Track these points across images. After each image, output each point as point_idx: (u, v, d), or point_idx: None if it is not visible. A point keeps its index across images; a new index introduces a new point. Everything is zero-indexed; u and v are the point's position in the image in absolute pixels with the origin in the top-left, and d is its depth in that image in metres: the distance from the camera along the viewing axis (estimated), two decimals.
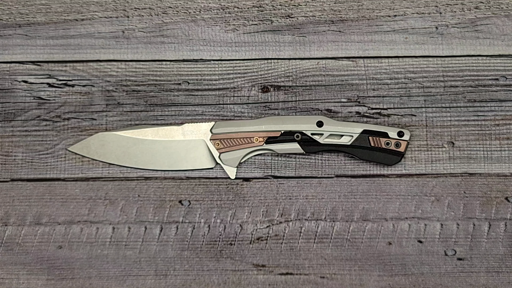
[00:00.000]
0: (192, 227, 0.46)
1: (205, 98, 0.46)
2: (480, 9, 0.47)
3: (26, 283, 0.45)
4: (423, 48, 0.47)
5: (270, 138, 0.44)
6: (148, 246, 0.46)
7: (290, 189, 0.46)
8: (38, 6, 0.47)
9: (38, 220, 0.46)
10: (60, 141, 0.46)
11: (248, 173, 0.46)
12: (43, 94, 0.47)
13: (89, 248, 0.46)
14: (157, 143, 0.45)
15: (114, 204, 0.46)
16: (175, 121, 0.46)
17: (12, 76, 0.47)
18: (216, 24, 0.47)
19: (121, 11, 0.47)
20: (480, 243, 0.45)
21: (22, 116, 0.46)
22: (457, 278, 0.45)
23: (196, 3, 0.47)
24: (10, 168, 0.46)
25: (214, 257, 0.45)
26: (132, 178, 0.46)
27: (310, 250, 0.45)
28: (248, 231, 0.46)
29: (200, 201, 0.46)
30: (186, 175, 0.46)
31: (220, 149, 0.45)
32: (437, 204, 0.45)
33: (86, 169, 0.46)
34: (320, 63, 0.47)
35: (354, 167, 0.46)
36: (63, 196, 0.46)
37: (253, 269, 0.45)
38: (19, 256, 0.46)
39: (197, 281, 0.45)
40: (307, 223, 0.46)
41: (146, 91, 0.47)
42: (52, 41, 0.47)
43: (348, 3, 0.47)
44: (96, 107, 0.46)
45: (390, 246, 0.45)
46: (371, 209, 0.45)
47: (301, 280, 0.45)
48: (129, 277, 0.45)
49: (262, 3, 0.47)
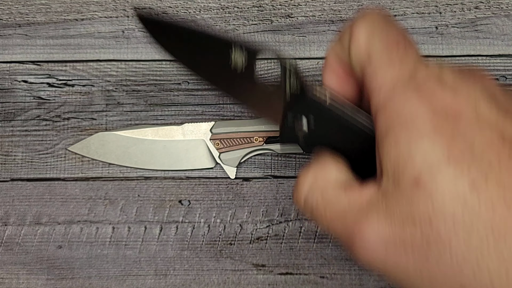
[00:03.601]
0: (192, 227, 0.46)
1: (205, 98, 0.46)
2: (480, 9, 0.47)
3: (26, 282, 0.45)
4: (423, 48, 0.47)
5: (270, 138, 0.44)
6: (148, 246, 0.46)
7: (290, 189, 0.46)
8: (38, 6, 0.47)
9: (38, 220, 0.46)
10: (60, 141, 0.46)
11: (248, 173, 0.46)
12: (43, 94, 0.47)
13: (89, 248, 0.46)
14: (157, 143, 0.45)
15: (114, 204, 0.46)
16: (175, 121, 0.46)
17: (12, 76, 0.47)
18: (216, 24, 0.47)
19: (121, 11, 0.47)
20: None
21: (22, 116, 0.46)
22: None
23: (196, 3, 0.47)
24: (10, 168, 0.46)
25: (214, 257, 0.45)
26: (132, 178, 0.46)
27: (310, 250, 0.45)
28: (248, 231, 0.46)
29: (200, 201, 0.46)
30: (186, 175, 0.46)
31: (220, 149, 0.45)
32: None
33: (86, 169, 0.46)
34: (320, 63, 0.47)
35: None
36: (63, 196, 0.46)
37: (253, 269, 0.45)
38: (19, 256, 0.46)
39: (197, 280, 0.45)
40: (307, 223, 0.46)
41: (146, 91, 0.47)
42: (52, 41, 0.47)
43: (348, 3, 0.47)
44: (96, 107, 0.46)
45: None
46: None
47: (300, 280, 0.45)
48: (129, 277, 0.45)
49: (262, 3, 0.47)
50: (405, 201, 0.25)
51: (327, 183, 0.29)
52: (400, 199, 0.26)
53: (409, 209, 0.25)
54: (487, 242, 0.24)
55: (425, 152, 0.25)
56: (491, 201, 0.24)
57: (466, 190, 0.24)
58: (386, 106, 0.27)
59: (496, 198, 0.24)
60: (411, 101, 0.26)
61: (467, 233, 0.24)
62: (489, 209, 0.24)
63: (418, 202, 0.25)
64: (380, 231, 0.26)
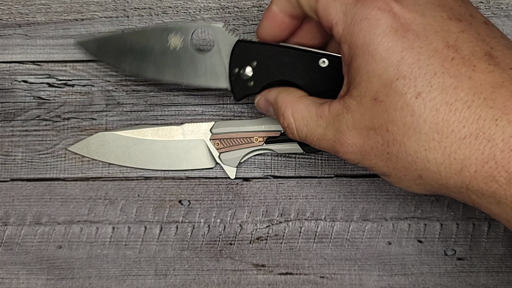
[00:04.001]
0: (192, 227, 0.46)
1: (205, 98, 0.46)
2: (480, 9, 0.47)
3: (26, 282, 0.45)
4: None
5: (270, 138, 0.44)
6: (148, 246, 0.46)
7: (290, 189, 0.46)
8: (38, 6, 0.47)
9: (38, 220, 0.46)
10: (60, 141, 0.46)
11: (248, 173, 0.46)
12: (43, 94, 0.47)
13: (89, 248, 0.46)
14: (157, 143, 0.45)
15: (114, 204, 0.46)
16: (175, 121, 0.46)
17: (12, 76, 0.47)
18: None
19: (121, 11, 0.47)
20: (480, 243, 0.45)
21: (22, 116, 0.46)
22: (457, 278, 0.45)
23: (196, 3, 0.47)
24: (10, 168, 0.46)
25: (214, 257, 0.45)
26: (132, 178, 0.46)
27: (309, 250, 0.45)
28: (248, 231, 0.46)
29: (200, 201, 0.46)
30: (186, 175, 0.46)
31: (220, 149, 0.45)
32: (437, 204, 0.45)
33: (86, 169, 0.46)
34: None
35: (354, 167, 0.46)
36: (63, 196, 0.46)
37: (253, 269, 0.45)
38: (19, 256, 0.46)
39: (196, 280, 0.45)
40: (307, 223, 0.46)
41: (146, 91, 0.47)
42: (52, 41, 0.47)
43: None
44: (96, 107, 0.46)
45: (389, 246, 0.45)
46: (371, 209, 0.45)
47: (300, 280, 0.45)
48: (129, 277, 0.45)
49: (262, 3, 0.47)
50: (367, 115, 0.32)
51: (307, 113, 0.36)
52: (363, 113, 0.32)
53: (371, 121, 0.32)
54: (433, 140, 0.30)
55: (380, 74, 0.31)
56: (435, 106, 0.30)
57: (414, 100, 0.30)
58: (344, 38, 0.32)
59: (439, 103, 0.30)
60: (363, 30, 0.31)
61: (416, 134, 0.30)
62: (434, 113, 0.30)
63: (377, 115, 0.31)
64: (353, 144, 0.33)
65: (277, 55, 0.39)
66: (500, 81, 0.30)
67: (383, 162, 0.33)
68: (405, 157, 0.31)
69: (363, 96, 0.32)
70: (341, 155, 0.34)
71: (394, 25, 0.31)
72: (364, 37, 0.31)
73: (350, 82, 0.33)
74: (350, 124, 0.33)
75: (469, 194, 0.31)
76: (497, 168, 0.29)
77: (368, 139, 0.32)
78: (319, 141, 0.35)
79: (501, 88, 0.29)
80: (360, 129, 0.32)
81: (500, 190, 0.29)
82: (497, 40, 0.32)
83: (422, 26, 0.31)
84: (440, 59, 0.30)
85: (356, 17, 0.31)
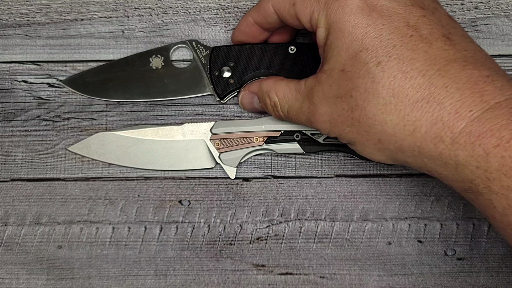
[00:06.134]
0: (192, 227, 0.46)
1: (205, 98, 0.46)
2: (480, 9, 0.47)
3: (26, 283, 0.45)
4: None
5: (270, 138, 0.45)
6: (148, 246, 0.46)
7: (290, 189, 0.46)
8: (38, 6, 0.47)
9: (38, 220, 0.46)
10: (60, 141, 0.46)
11: (248, 173, 0.46)
12: (43, 94, 0.47)
13: (89, 248, 0.46)
14: (157, 143, 0.45)
15: (114, 204, 0.46)
16: (175, 121, 0.46)
17: (12, 76, 0.47)
18: (216, 24, 0.47)
19: (121, 11, 0.47)
20: (480, 243, 0.45)
21: (22, 116, 0.46)
22: (457, 278, 0.45)
23: (196, 3, 0.47)
24: (10, 168, 0.46)
25: (214, 257, 0.45)
26: (132, 178, 0.46)
27: (310, 250, 0.45)
28: (248, 231, 0.46)
29: (200, 201, 0.46)
30: (186, 175, 0.46)
31: (220, 149, 0.45)
32: (437, 204, 0.45)
33: (86, 169, 0.46)
34: None
35: (354, 167, 0.46)
36: (63, 196, 0.46)
37: (253, 269, 0.45)
38: (19, 256, 0.46)
39: (197, 281, 0.45)
40: (307, 223, 0.46)
41: None
42: (52, 41, 0.47)
43: None
44: (96, 107, 0.46)
45: (390, 246, 0.45)
46: (371, 209, 0.45)
47: (300, 280, 0.45)
48: (129, 277, 0.45)
49: None
50: (335, 85, 0.35)
51: (288, 90, 0.39)
52: (332, 84, 0.36)
53: (338, 90, 0.35)
54: (390, 103, 0.33)
55: (347, 48, 0.35)
56: (392, 73, 0.33)
57: (374, 68, 0.33)
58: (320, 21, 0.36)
59: (397, 71, 0.33)
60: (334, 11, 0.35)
61: (375, 98, 0.34)
62: (391, 79, 0.33)
63: (343, 84, 0.35)
64: (324, 113, 0.37)
65: (250, 52, 0.44)
66: (454, 57, 0.33)
67: (349, 128, 0.36)
68: (366, 121, 0.34)
69: (332, 69, 0.36)
70: (314, 125, 0.38)
71: (361, 5, 0.35)
72: (335, 16, 0.35)
73: (324, 60, 0.37)
74: (321, 95, 0.36)
75: (421, 157, 0.34)
76: (444, 129, 0.32)
77: (335, 107, 0.36)
78: (297, 114, 0.39)
79: (454, 62, 0.33)
80: (329, 98, 0.36)
81: (446, 150, 0.32)
82: (457, 30, 0.35)
83: (386, 8, 0.35)
84: (400, 35, 0.34)
85: (328, 1, 0.36)
